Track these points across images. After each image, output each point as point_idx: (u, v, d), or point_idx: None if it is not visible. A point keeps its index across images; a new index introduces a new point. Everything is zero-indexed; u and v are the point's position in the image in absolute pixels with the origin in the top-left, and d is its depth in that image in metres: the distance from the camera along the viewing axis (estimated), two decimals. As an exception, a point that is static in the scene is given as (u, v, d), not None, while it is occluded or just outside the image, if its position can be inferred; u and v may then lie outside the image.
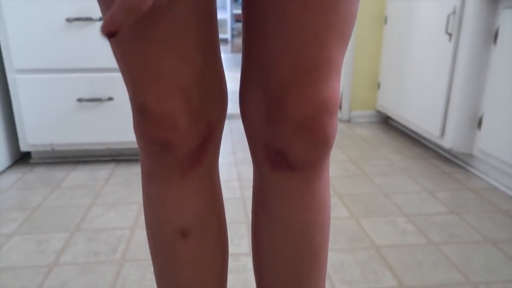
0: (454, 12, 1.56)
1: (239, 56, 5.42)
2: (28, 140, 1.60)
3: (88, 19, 1.48)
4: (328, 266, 1.02)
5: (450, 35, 1.59)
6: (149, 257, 1.06)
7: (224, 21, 7.94)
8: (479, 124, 1.55)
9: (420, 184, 1.52)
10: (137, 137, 0.50)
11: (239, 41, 7.83)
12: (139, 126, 0.48)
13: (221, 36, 8.43)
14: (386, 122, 2.42)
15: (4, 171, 1.63)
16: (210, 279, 0.59)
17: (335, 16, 0.42)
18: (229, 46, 7.50)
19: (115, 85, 1.57)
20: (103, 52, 1.53)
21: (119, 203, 1.36)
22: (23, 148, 1.62)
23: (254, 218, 0.58)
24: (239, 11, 8.56)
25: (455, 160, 1.75)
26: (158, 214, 0.54)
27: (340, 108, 2.44)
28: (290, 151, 0.47)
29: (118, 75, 1.56)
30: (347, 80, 2.37)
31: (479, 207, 1.33)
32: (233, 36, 8.68)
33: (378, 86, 2.35)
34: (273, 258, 0.56)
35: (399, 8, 2.05)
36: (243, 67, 0.50)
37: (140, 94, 0.46)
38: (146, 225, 0.58)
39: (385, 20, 2.23)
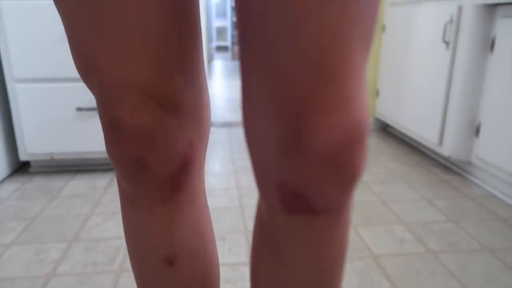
0: (451, 21, 1.57)
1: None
2: (28, 149, 1.60)
3: (88, 29, 1.49)
4: (326, 275, 1.02)
5: (447, 43, 1.60)
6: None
7: (224, 28, 7.99)
8: (477, 131, 1.56)
9: (418, 192, 1.52)
10: (110, 158, 0.44)
11: (239, 48, 7.85)
12: (111, 144, 0.43)
13: (221, 43, 8.48)
14: (385, 130, 2.42)
15: (3, 180, 1.63)
16: None
17: (358, 11, 0.33)
18: (229, 54, 7.53)
19: (114, 94, 1.58)
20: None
21: (117, 212, 1.36)
22: (23, 157, 1.62)
23: (257, 255, 0.49)
24: (239, 18, 8.59)
25: (454, 168, 1.75)
26: (141, 242, 0.51)
27: (339, 115, 2.44)
28: (313, 194, 0.37)
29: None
30: (345, 87, 2.37)
31: (477, 215, 1.33)
32: (233, 43, 8.73)
33: (377, 93, 2.36)
34: None
35: (397, 17, 2.06)
36: (244, 85, 0.39)
37: (112, 107, 0.41)
38: (129, 253, 0.54)
39: (383, 29, 2.25)
